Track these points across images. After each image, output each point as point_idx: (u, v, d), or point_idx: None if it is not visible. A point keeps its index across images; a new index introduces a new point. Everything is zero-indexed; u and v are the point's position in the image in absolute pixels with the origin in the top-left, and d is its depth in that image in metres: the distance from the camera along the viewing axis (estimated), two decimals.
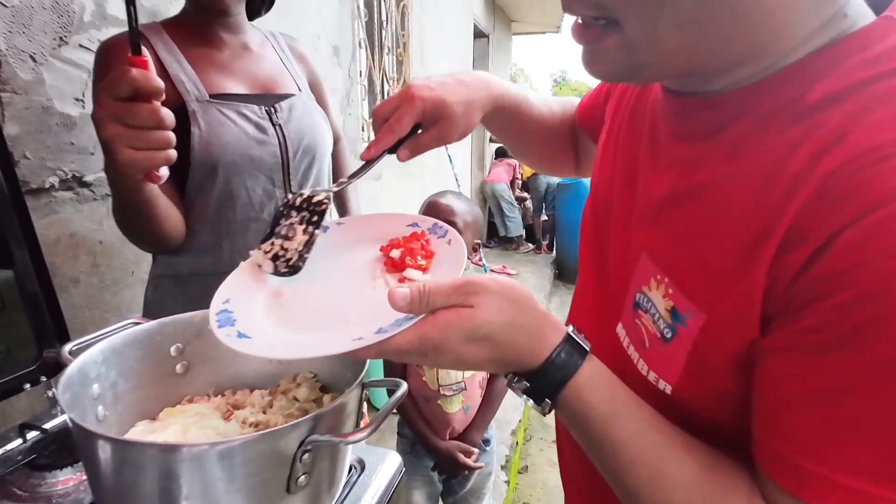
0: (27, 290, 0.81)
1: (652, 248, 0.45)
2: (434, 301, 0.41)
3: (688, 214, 0.42)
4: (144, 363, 0.60)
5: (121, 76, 0.55)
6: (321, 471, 0.50)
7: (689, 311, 0.40)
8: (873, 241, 0.30)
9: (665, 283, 0.42)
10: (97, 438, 0.44)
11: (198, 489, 0.44)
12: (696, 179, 0.42)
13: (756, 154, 0.38)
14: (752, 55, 0.38)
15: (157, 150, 0.59)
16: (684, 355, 0.41)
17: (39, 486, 0.64)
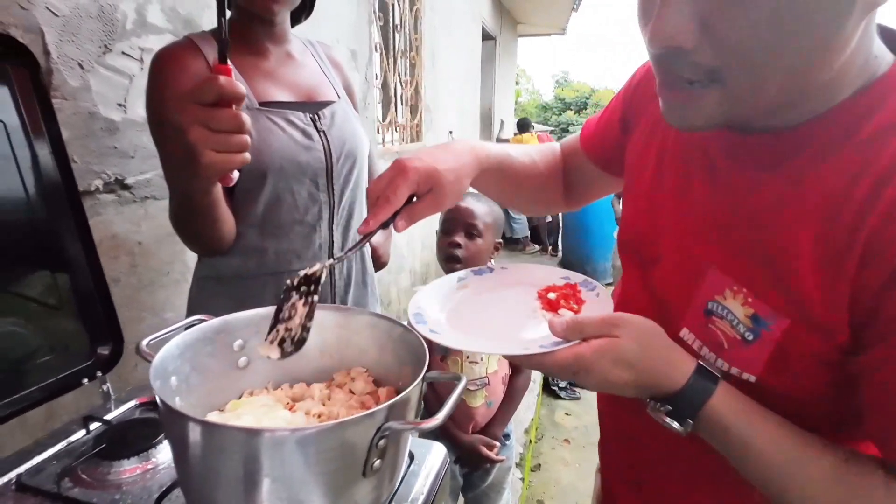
0: (83, 291, 0.85)
1: (723, 262, 0.51)
2: (585, 330, 0.49)
3: (760, 233, 0.48)
4: (212, 358, 0.64)
5: (208, 83, 0.59)
6: (390, 456, 0.53)
7: (770, 316, 0.46)
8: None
9: (744, 293, 0.48)
10: (188, 421, 0.47)
11: (280, 472, 0.48)
12: (763, 203, 0.48)
13: (820, 182, 0.44)
14: (820, 93, 0.44)
15: (236, 153, 0.63)
16: (767, 353, 0.47)
17: (108, 475, 0.67)
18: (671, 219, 0.57)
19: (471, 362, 1.35)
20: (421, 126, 3.52)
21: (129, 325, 1.20)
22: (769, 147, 0.47)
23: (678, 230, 0.56)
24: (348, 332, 0.72)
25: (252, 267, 0.97)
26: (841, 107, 0.43)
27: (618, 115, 0.71)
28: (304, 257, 1.00)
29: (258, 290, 0.98)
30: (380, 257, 1.25)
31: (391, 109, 3.13)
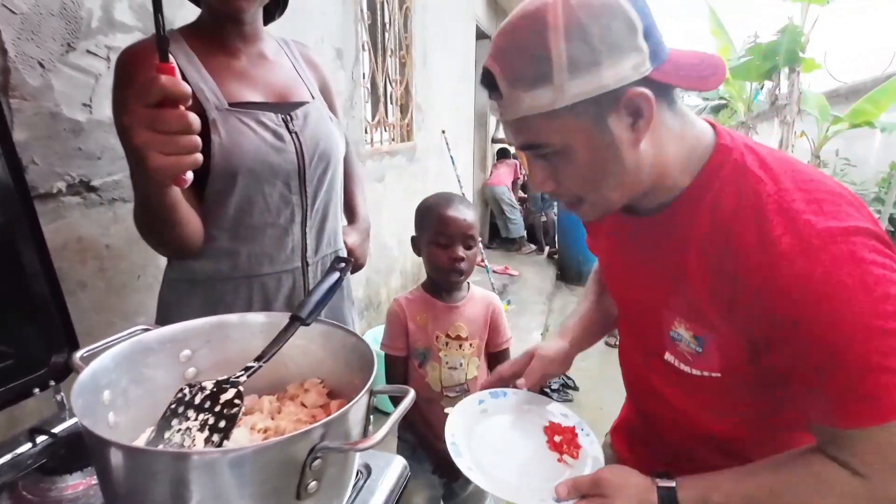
0: (36, 296, 0.82)
1: (667, 304, 0.69)
2: (581, 489, 0.66)
3: (674, 286, 0.67)
4: (155, 369, 0.61)
5: (150, 83, 0.56)
6: (330, 477, 0.50)
7: (703, 335, 0.65)
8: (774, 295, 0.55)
9: (684, 323, 0.67)
10: (110, 446, 0.45)
11: (209, 496, 0.45)
12: (665, 268, 0.68)
13: (691, 248, 0.63)
14: (655, 186, 0.65)
15: (185, 155, 0.60)
16: (715, 358, 0.65)
17: (50, 491, 0.65)
18: (626, 282, 0.80)
19: (450, 368, 1.32)
20: (412, 125, 3.49)
21: (97, 332, 1.17)
22: (656, 225, 0.69)
23: (632, 288, 0.78)
24: (304, 340, 0.69)
25: (225, 270, 0.94)
26: (685, 194, 0.65)
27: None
28: (277, 260, 0.98)
29: (231, 293, 0.96)
30: (356, 259, 1.23)
31: (380, 109, 3.09)
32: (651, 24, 0.57)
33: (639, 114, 0.57)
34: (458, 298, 1.34)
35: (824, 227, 0.53)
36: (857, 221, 0.54)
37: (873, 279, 0.50)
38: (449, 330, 1.31)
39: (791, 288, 0.52)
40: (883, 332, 0.50)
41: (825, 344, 0.51)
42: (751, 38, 6.50)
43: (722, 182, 0.61)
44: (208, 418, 0.51)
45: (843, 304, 0.50)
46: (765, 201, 0.56)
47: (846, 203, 0.56)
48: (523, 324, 3.73)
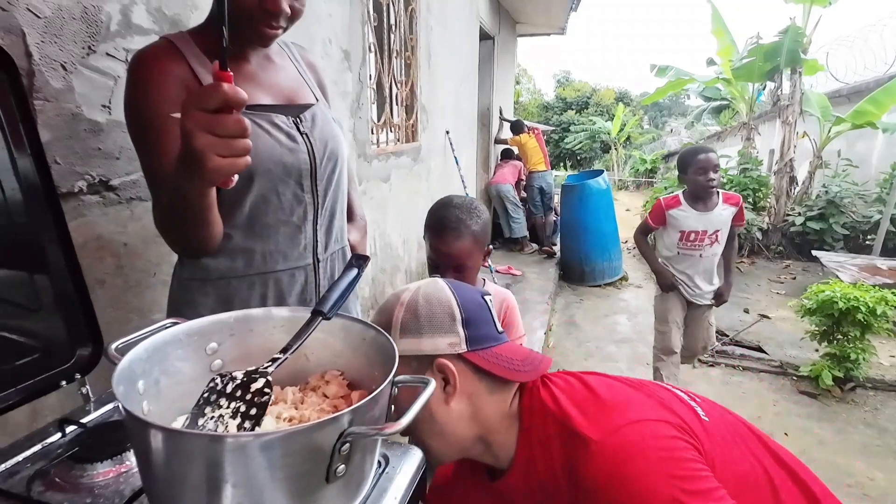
0: (62, 292, 0.85)
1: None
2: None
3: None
4: (184, 361, 0.63)
5: (213, 90, 0.59)
6: (355, 463, 0.53)
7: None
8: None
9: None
10: (150, 428, 0.47)
11: (243, 478, 0.47)
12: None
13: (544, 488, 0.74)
14: (485, 441, 0.79)
15: (239, 157, 0.63)
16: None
17: (81, 478, 0.67)
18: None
19: None
20: (416, 126, 3.52)
21: (115, 327, 1.20)
22: (503, 490, 0.80)
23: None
24: (323, 334, 0.72)
25: (239, 267, 0.97)
26: (515, 457, 0.78)
27: None
28: (290, 257, 1.00)
29: (245, 290, 0.98)
30: None
31: (386, 110, 3.12)
32: (473, 319, 0.77)
33: (447, 380, 0.75)
34: None
35: (607, 426, 0.66)
36: (641, 415, 0.68)
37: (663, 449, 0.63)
38: None
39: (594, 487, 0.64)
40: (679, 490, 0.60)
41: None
42: (753, 39, 6.52)
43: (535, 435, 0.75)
44: (240, 406, 0.53)
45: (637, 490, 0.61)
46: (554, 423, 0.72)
47: (637, 405, 0.71)
48: (526, 323, 3.74)
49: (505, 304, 1.40)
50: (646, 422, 0.67)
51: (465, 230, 1.26)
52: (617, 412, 0.69)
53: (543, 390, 0.78)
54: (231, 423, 0.52)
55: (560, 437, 0.71)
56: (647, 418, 0.68)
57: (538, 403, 0.77)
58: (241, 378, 0.55)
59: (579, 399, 0.74)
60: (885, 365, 3.39)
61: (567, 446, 0.69)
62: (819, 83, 6.98)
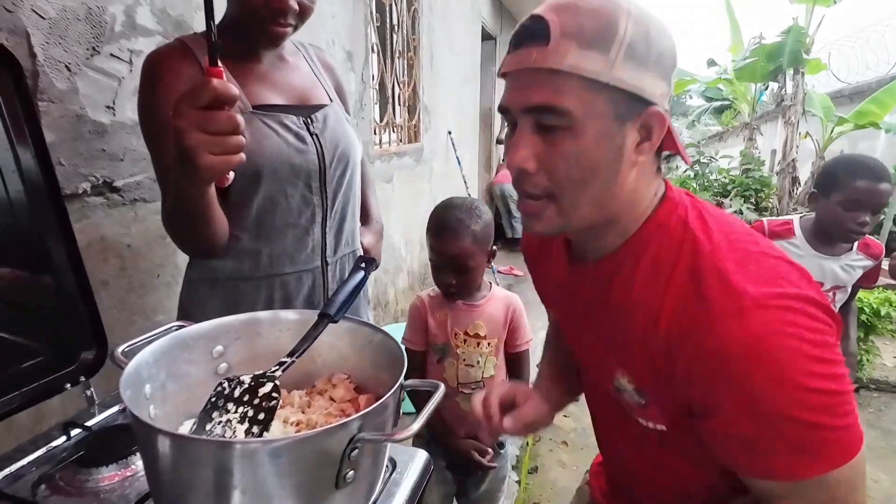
0: (67, 294, 0.85)
1: (609, 354, 0.67)
2: None
3: (613, 338, 0.66)
4: (190, 364, 0.63)
5: (202, 87, 0.59)
6: (364, 468, 0.52)
7: (644, 388, 0.64)
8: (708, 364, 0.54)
9: (626, 375, 0.65)
10: (158, 434, 0.47)
11: (252, 484, 0.47)
12: (605, 317, 0.66)
13: (630, 302, 0.62)
14: (616, 221, 0.63)
15: (232, 155, 0.63)
16: (656, 411, 0.64)
17: (86, 482, 0.67)
18: (575, 328, 0.78)
19: (467, 365, 1.34)
20: (419, 127, 3.51)
21: (118, 329, 1.20)
22: (598, 272, 0.67)
23: (581, 333, 0.76)
24: (330, 337, 0.71)
25: (246, 269, 0.97)
26: (633, 238, 0.63)
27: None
28: (298, 259, 1.00)
29: (252, 292, 0.98)
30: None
31: (388, 110, 3.12)
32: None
33: (648, 136, 0.58)
34: (478, 298, 1.36)
35: (757, 292, 0.53)
36: (791, 288, 0.54)
37: (805, 343, 0.51)
38: (468, 328, 1.33)
39: (723, 351, 0.52)
40: (812, 391, 0.51)
41: (758, 407, 0.52)
42: (756, 38, 6.51)
43: (663, 236, 0.61)
44: (248, 411, 0.53)
45: (774, 366, 0.51)
46: (700, 261, 0.57)
47: (783, 270, 0.57)
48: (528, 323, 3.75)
49: (511, 309, 1.39)
50: (806, 298, 0.54)
51: (466, 231, 1.25)
52: (780, 278, 0.55)
53: (692, 211, 0.62)
54: (239, 428, 0.52)
55: (695, 273, 0.57)
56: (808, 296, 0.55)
57: (679, 222, 0.62)
58: (249, 382, 0.55)
59: (739, 244, 0.59)
60: (888, 366, 3.37)
61: (699, 289, 0.56)
62: (821, 83, 6.96)
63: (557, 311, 0.86)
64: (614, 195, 0.60)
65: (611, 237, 0.64)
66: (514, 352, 1.41)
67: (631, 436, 0.71)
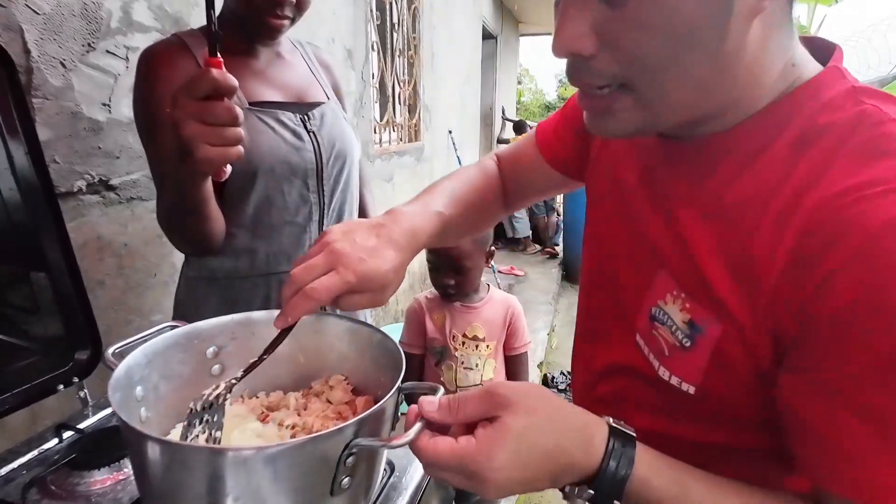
0: (61, 293, 0.83)
1: (671, 266, 0.49)
2: (466, 409, 0.43)
3: (698, 239, 0.46)
4: (184, 365, 0.61)
5: (202, 77, 0.58)
6: (361, 473, 0.51)
7: (704, 321, 0.44)
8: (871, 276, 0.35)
9: (682, 298, 0.47)
10: (147, 440, 0.45)
11: (245, 491, 0.45)
12: (698, 210, 0.47)
13: (745, 190, 0.44)
14: (734, 104, 0.44)
15: (230, 147, 0.62)
16: (705, 360, 0.45)
17: (78, 486, 0.66)
18: (616, 228, 0.58)
19: (465, 368, 1.33)
20: (419, 125, 3.50)
21: (115, 329, 1.18)
22: (697, 157, 0.48)
23: (623, 237, 0.56)
24: (329, 337, 0.70)
25: (243, 268, 0.95)
26: (763, 113, 0.44)
27: (575, 125, 0.70)
28: (295, 258, 0.98)
29: (249, 290, 0.97)
30: None
31: (389, 109, 3.10)
32: None
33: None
34: (475, 300, 1.35)
35: None
36: None
37: None
38: (466, 330, 1.32)
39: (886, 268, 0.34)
40: None
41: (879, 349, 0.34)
42: None
43: (825, 108, 0.41)
44: (206, 419, 0.52)
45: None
46: (890, 146, 0.38)
47: None
48: (529, 323, 3.72)
49: (510, 311, 1.38)
50: None
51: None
52: None
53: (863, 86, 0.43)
54: (201, 438, 0.51)
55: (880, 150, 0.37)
56: None
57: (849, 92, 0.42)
58: (208, 396, 0.53)
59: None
60: None
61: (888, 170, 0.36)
62: None
63: (600, 195, 0.64)
64: (726, 68, 0.41)
65: (723, 121, 0.45)
66: (512, 354, 1.40)
67: (637, 400, 0.53)
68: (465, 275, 1.27)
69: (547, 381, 3.04)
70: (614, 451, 0.41)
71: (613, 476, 0.40)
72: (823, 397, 0.38)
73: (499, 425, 0.40)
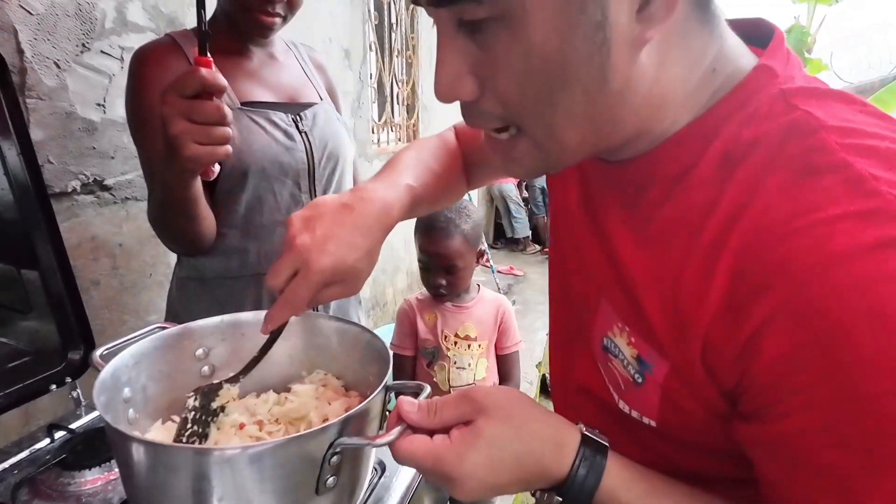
0: (53, 293, 0.84)
1: (612, 296, 0.45)
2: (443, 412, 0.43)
3: (634, 268, 0.42)
4: (172, 366, 0.61)
5: (190, 75, 0.58)
6: (347, 472, 0.51)
7: (651, 357, 0.41)
8: (799, 330, 0.31)
9: (627, 332, 0.43)
10: (132, 441, 0.45)
11: (230, 490, 0.45)
12: (631, 237, 0.43)
13: (671, 221, 0.40)
14: (643, 131, 0.41)
15: (218, 145, 0.62)
16: (657, 398, 0.42)
17: (68, 486, 0.66)
18: (568, 247, 0.55)
19: (458, 368, 1.33)
20: (418, 125, 3.50)
21: (110, 328, 1.19)
22: (628, 175, 0.45)
23: (574, 256, 0.53)
24: (320, 338, 0.70)
25: (234, 268, 0.95)
26: (684, 131, 0.40)
27: None
28: None
29: (240, 291, 0.97)
30: None
31: (387, 109, 3.10)
32: None
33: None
34: (466, 300, 1.35)
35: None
36: None
37: None
38: (458, 330, 1.32)
39: (835, 300, 0.30)
40: None
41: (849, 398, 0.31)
42: None
43: (751, 120, 0.37)
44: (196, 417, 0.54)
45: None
46: (823, 160, 0.33)
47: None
48: (527, 324, 3.73)
49: (501, 311, 1.38)
50: None
51: (455, 230, 1.25)
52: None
53: (800, 84, 0.38)
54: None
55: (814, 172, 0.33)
56: None
57: (779, 97, 0.37)
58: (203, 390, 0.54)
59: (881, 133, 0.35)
60: None
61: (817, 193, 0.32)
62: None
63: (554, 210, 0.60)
64: (618, 103, 0.37)
65: (639, 145, 0.42)
66: (503, 354, 1.40)
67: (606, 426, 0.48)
68: (456, 275, 1.27)
69: (545, 381, 3.03)
70: (584, 459, 0.40)
71: (582, 484, 0.39)
72: (779, 451, 0.35)
73: (472, 429, 0.41)
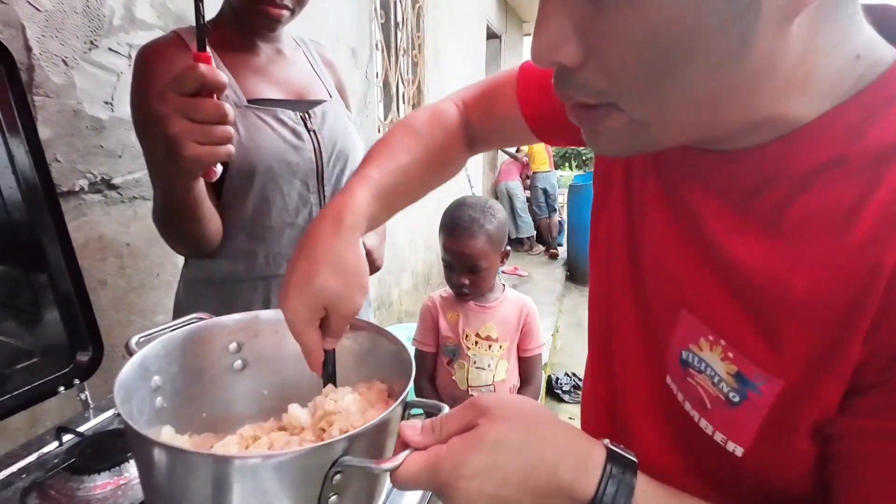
0: (61, 294, 0.82)
1: (697, 306, 0.41)
2: (447, 426, 0.39)
3: (739, 277, 0.38)
4: (204, 359, 0.60)
5: (189, 72, 0.56)
6: (356, 492, 0.48)
7: (760, 376, 0.37)
8: None
9: (722, 346, 0.39)
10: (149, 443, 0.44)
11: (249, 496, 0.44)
12: (741, 244, 0.38)
13: (806, 219, 0.35)
14: (776, 115, 0.35)
15: (219, 145, 0.60)
16: (758, 420, 0.37)
17: (78, 491, 0.64)
18: (637, 249, 0.48)
19: (477, 368, 1.31)
20: None
21: (117, 329, 1.17)
22: (743, 167, 0.38)
23: (653, 260, 0.47)
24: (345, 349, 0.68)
25: (242, 270, 0.93)
26: (812, 127, 0.35)
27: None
28: None
29: (248, 293, 0.95)
30: (374, 261, 1.22)
31: (393, 108, 3.09)
32: None
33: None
34: (490, 299, 1.33)
35: None
36: None
37: None
38: (479, 330, 1.30)
39: None
40: None
41: None
42: None
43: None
44: None
45: None
46: None
47: None
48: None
49: (525, 312, 1.37)
50: None
51: (479, 230, 1.24)
52: None
53: None
54: None
55: None
56: None
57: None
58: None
59: None
60: None
61: None
62: None
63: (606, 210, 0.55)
64: (749, 83, 0.31)
65: (765, 134, 0.36)
66: (525, 356, 1.38)
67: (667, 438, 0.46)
68: (479, 275, 1.26)
69: (551, 382, 3.02)
70: (612, 476, 0.35)
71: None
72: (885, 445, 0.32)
73: (474, 432, 0.37)
